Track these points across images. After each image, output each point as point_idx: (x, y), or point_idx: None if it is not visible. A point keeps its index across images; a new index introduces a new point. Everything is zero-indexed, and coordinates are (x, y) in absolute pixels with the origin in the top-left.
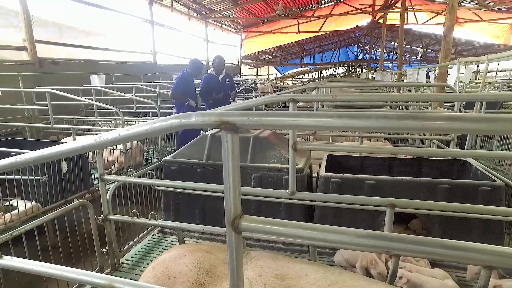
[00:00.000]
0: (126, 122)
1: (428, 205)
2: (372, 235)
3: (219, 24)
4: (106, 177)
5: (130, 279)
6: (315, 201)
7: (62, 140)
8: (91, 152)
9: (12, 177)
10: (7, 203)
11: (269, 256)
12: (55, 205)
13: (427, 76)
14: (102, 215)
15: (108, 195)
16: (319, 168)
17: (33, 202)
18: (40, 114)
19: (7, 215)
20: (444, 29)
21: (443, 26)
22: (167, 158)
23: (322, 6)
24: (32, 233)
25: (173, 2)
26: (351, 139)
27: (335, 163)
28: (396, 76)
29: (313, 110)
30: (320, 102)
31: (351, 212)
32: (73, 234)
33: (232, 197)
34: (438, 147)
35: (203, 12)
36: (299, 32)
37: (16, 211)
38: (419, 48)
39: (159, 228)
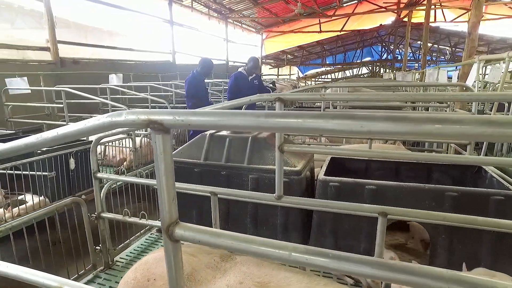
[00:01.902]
0: None
1: (425, 214)
2: (311, 252)
3: (240, 24)
4: (99, 175)
5: (121, 277)
6: (304, 206)
7: None
8: (100, 149)
9: (20, 172)
10: (19, 197)
11: (254, 262)
12: (62, 200)
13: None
14: (95, 213)
15: (102, 193)
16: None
17: (41, 197)
18: (59, 112)
19: (15, 209)
20: (468, 25)
21: (468, 23)
22: None
23: (344, 5)
24: (27, 229)
25: (193, 2)
26: (365, 141)
27: (338, 166)
28: (418, 75)
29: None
30: (331, 102)
31: (351, 218)
32: (67, 232)
33: (167, 202)
34: (456, 151)
35: (223, 12)
36: (320, 31)
37: (24, 205)
38: (447, 47)
39: (157, 227)
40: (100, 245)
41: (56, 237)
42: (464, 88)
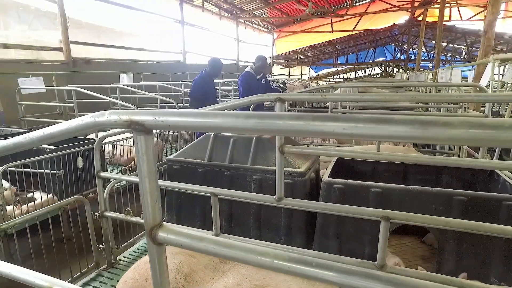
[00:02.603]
0: None
1: (428, 219)
2: (294, 260)
3: (251, 24)
4: (102, 174)
5: None
6: (305, 208)
7: (88, 136)
8: (108, 148)
9: (29, 170)
10: (29, 195)
11: None
12: (70, 198)
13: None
14: (99, 212)
15: (105, 192)
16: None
17: (49, 195)
18: (71, 111)
19: (24, 206)
20: (484, 23)
21: (484, 21)
22: (171, 157)
23: (357, 4)
24: (32, 227)
25: (204, 2)
26: (374, 142)
27: (344, 167)
28: (432, 76)
29: (336, 111)
30: (340, 103)
31: (355, 221)
32: (70, 230)
33: (150, 204)
34: (468, 153)
35: (234, 11)
36: (332, 31)
37: (34, 202)
38: (463, 47)
39: None
40: (103, 243)
41: (60, 235)
42: (478, 89)
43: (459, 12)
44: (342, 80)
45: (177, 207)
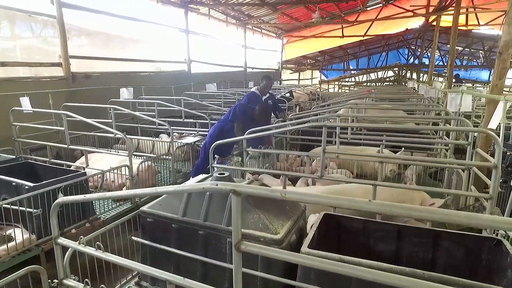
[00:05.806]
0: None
1: None
2: None
3: (259, 29)
4: (59, 241)
5: None
6: None
7: (73, 167)
8: (100, 177)
9: (1, 205)
10: (9, 231)
11: None
12: (22, 270)
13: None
14: (56, 280)
15: (65, 257)
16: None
17: (26, 235)
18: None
19: (3, 247)
20: (500, 44)
21: (500, 41)
22: (144, 208)
23: (368, 9)
24: None
25: (210, 10)
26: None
27: (333, 222)
28: (442, 94)
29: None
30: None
31: None
32: None
33: None
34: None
35: (241, 18)
36: (343, 36)
37: (10, 244)
38: (480, 51)
39: (137, 279)
40: None
41: None
42: (485, 136)
43: (477, 18)
44: (354, 83)
45: (151, 261)
